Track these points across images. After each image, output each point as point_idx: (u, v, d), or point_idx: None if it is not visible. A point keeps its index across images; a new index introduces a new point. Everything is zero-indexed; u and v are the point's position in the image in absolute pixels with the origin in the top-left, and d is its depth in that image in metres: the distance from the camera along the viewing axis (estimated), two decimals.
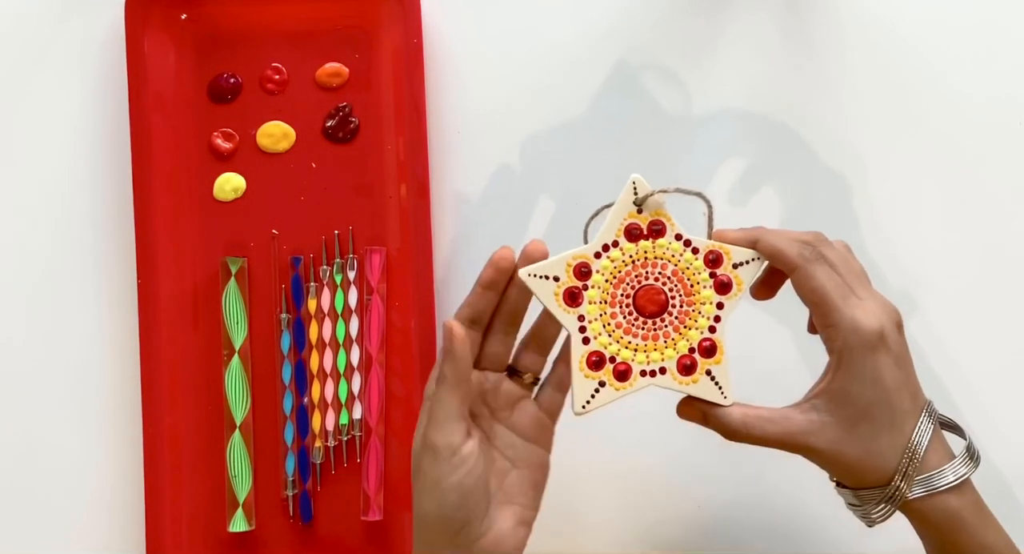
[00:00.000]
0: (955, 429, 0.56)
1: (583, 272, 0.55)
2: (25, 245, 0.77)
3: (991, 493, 0.56)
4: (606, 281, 0.55)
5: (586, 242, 0.56)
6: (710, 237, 0.56)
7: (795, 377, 0.59)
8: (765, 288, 0.58)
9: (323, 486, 0.75)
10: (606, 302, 0.55)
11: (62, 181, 0.77)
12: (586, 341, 0.54)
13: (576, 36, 0.76)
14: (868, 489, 0.54)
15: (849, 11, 0.76)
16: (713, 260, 0.55)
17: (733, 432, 0.55)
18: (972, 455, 0.55)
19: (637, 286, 0.55)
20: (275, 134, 0.76)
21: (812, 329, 0.57)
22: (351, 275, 0.75)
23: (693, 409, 0.55)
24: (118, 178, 0.76)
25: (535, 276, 0.54)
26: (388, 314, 0.75)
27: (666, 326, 0.55)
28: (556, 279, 0.54)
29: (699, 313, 0.55)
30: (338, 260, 0.75)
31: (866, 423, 0.53)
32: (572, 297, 0.54)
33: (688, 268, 0.55)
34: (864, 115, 0.75)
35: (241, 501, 0.74)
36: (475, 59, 0.76)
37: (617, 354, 0.54)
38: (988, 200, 0.75)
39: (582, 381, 0.54)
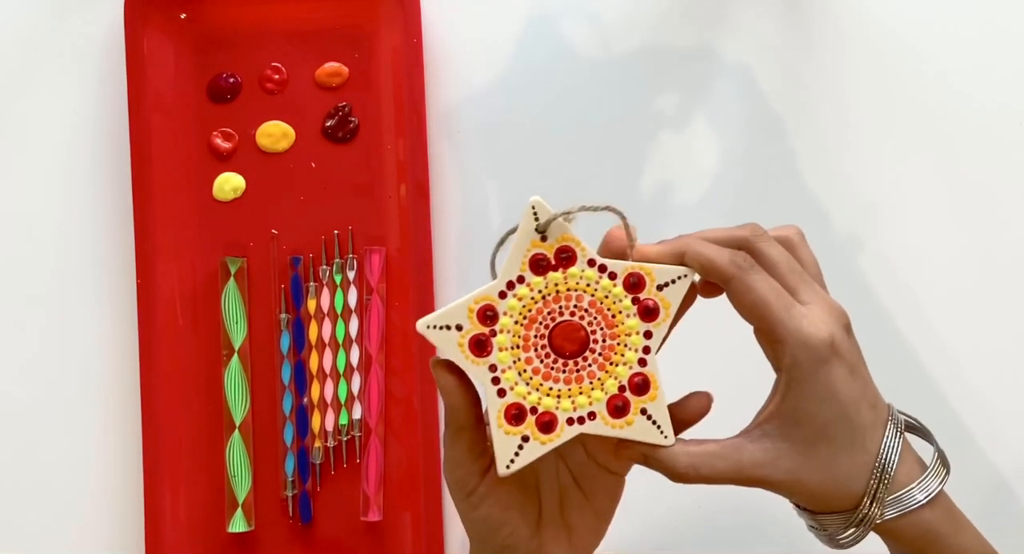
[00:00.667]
0: (920, 432, 0.51)
1: (488, 316, 0.48)
2: (25, 245, 0.76)
3: (990, 493, 0.56)
4: (516, 323, 0.48)
5: (492, 270, 0.50)
6: (630, 254, 0.49)
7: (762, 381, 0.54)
8: (711, 284, 0.50)
9: (323, 486, 0.75)
10: (519, 346, 0.48)
11: (62, 181, 0.76)
12: (502, 393, 0.48)
13: (576, 36, 0.76)
14: (834, 514, 0.49)
15: (849, 11, 0.76)
16: (634, 284, 0.48)
17: (680, 475, 0.49)
18: (943, 463, 0.50)
19: (552, 324, 0.48)
20: (275, 134, 0.76)
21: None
22: (351, 275, 0.75)
23: (632, 451, 0.49)
24: (118, 178, 0.76)
25: (434, 327, 0.48)
26: (388, 314, 0.75)
27: (590, 365, 0.48)
28: (459, 327, 0.48)
29: (625, 346, 0.48)
30: (338, 260, 0.75)
31: (825, 444, 0.47)
32: (479, 346, 0.48)
33: (607, 297, 0.48)
34: (865, 115, 0.75)
35: (241, 501, 0.74)
36: (475, 59, 0.76)
37: (538, 404, 0.48)
38: (989, 200, 0.75)
39: (503, 438, 0.48)
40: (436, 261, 0.74)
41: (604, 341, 0.49)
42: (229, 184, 0.76)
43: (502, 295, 0.48)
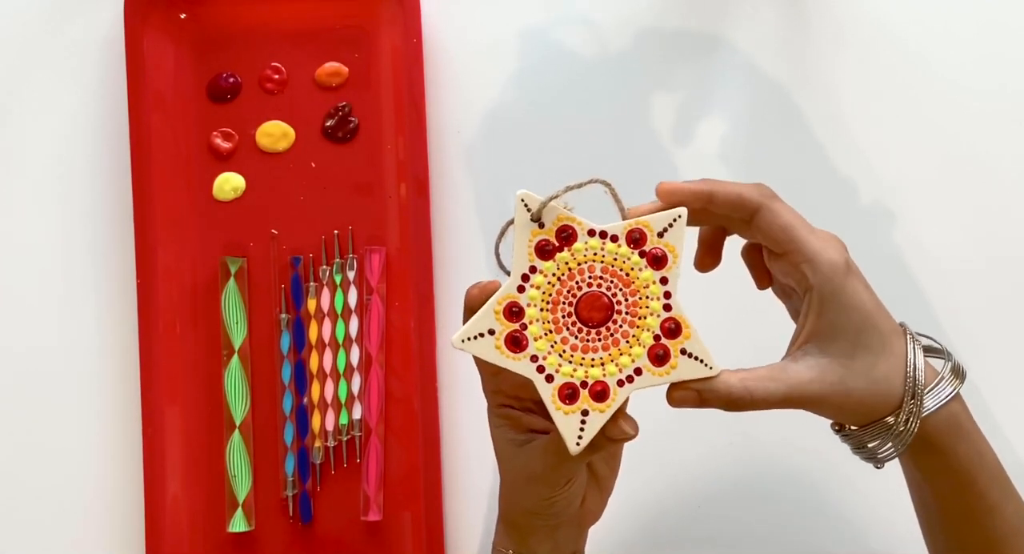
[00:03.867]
0: (935, 351, 0.54)
1: (514, 312, 0.51)
2: (25, 245, 0.76)
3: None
4: (541, 311, 0.51)
5: (499, 264, 0.52)
6: (624, 218, 0.51)
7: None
8: (709, 255, 0.56)
9: (323, 486, 0.75)
10: (551, 331, 0.51)
11: (62, 181, 0.76)
12: (549, 378, 0.50)
13: (576, 36, 0.76)
14: (875, 425, 0.52)
15: (849, 11, 0.76)
16: (636, 239, 0.51)
17: (735, 401, 0.51)
18: (957, 370, 0.53)
19: (575, 300, 0.51)
20: (274, 134, 0.76)
21: (764, 283, 0.56)
22: (351, 275, 0.75)
23: (685, 393, 0.51)
24: (118, 178, 0.76)
25: (469, 339, 0.51)
26: (388, 314, 0.75)
27: (621, 326, 0.51)
28: (491, 332, 0.50)
29: (647, 298, 0.51)
30: (338, 260, 0.75)
31: (862, 352, 0.51)
32: (515, 342, 0.50)
33: (616, 259, 0.51)
34: (864, 115, 0.75)
35: (241, 501, 0.74)
36: (475, 59, 0.76)
37: (586, 377, 0.50)
38: (988, 200, 0.75)
39: (563, 419, 0.50)
40: (436, 261, 0.74)
41: (627, 300, 0.51)
42: (229, 184, 0.76)
43: (520, 289, 0.51)
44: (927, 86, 0.76)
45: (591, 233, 0.51)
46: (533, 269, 0.51)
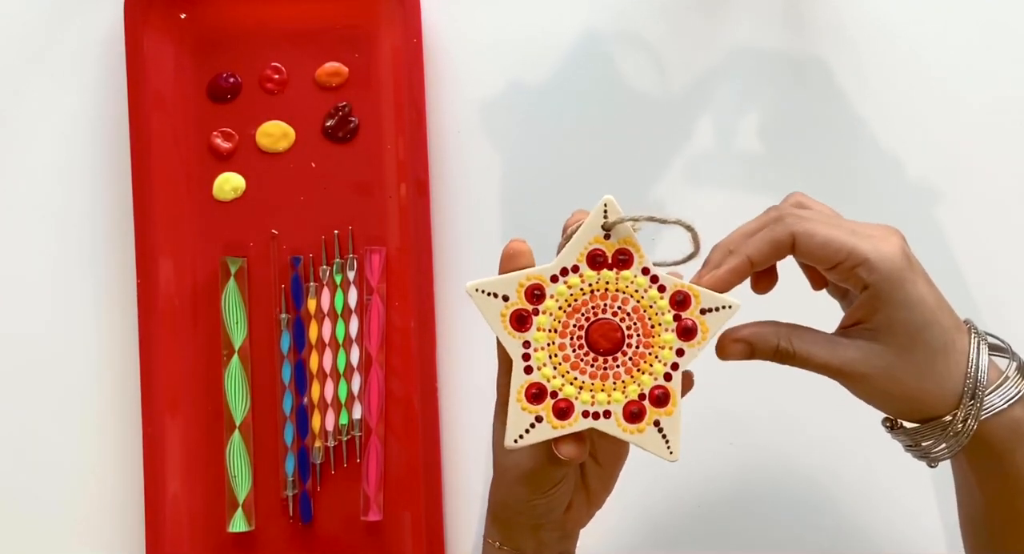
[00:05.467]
0: (1000, 350, 0.52)
1: (535, 295, 0.50)
2: (24, 245, 0.76)
3: None
4: (559, 308, 0.50)
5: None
6: (691, 260, 0.51)
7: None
8: (764, 276, 0.54)
9: (323, 486, 0.75)
10: (556, 331, 0.50)
11: (61, 181, 0.76)
12: (528, 370, 0.50)
13: (576, 35, 0.76)
14: (931, 423, 0.50)
15: (849, 11, 0.76)
16: (680, 301, 0.50)
17: (779, 351, 0.50)
18: (1021, 369, 0.51)
19: (592, 319, 0.50)
20: (274, 134, 0.76)
21: (819, 285, 0.54)
22: (351, 275, 0.75)
23: (738, 346, 0.51)
24: (118, 178, 0.76)
25: (482, 292, 0.50)
26: (388, 314, 0.75)
27: (618, 366, 0.50)
28: (505, 298, 0.50)
29: (656, 357, 0.50)
30: (338, 260, 0.75)
31: (921, 348, 0.49)
32: (520, 321, 0.50)
33: (651, 307, 0.50)
34: (865, 115, 0.75)
35: (241, 501, 0.74)
36: (475, 59, 0.76)
37: (560, 389, 0.50)
38: (988, 200, 0.75)
39: (518, 413, 0.50)
40: (436, 261, 0.74)
41: (637, 347, 0.50)
42: (229, 184, 0.76)
43: (554, 279, 0.50)
44: (933, 94, 0.76)
45: (644, 271, 0.50)
46: (576, 269, 0.50)
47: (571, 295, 0.50)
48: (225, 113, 0.76)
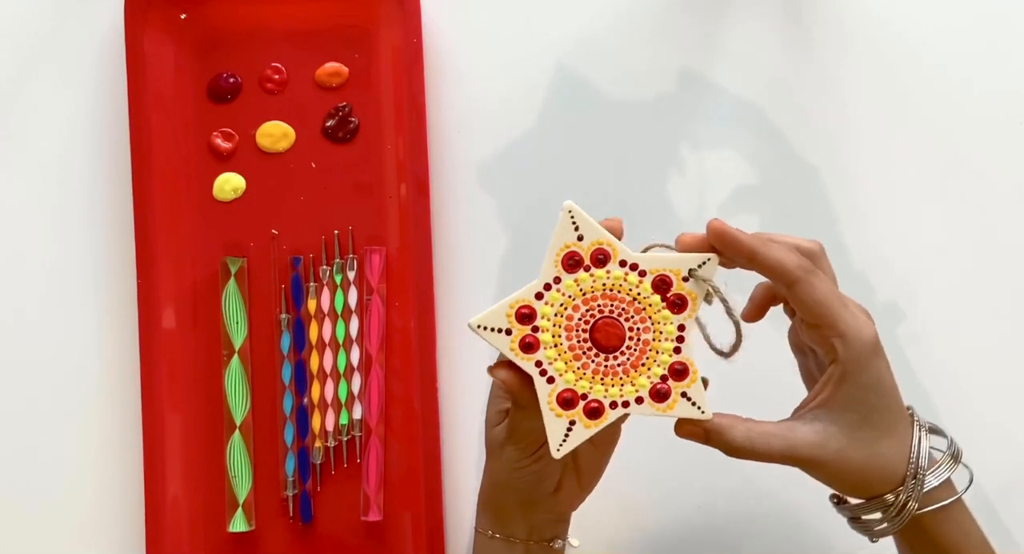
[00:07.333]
0: (937, 431, 0.56)
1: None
2: (25, 245, 0.76)
3: (982, 500, 0.56)
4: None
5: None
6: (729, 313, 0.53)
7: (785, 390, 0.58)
8: (756, 310, 0.58)
9: (323, 486, 0.75)
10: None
11: (62, 181, 0.76)
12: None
13: (575, 35, 0.76)
14: (874, 501, 0.54)
15: (849, 10, 0.76)
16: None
17: (737, 449, 0.54)
18: (956, 456, 0.56)
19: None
20: (275, 134, 0.76)
21: (797, 347, 0.58)
22: (351, 275, 0.75)
23: (694, 429, 0.54)
24: (118, 178, 0.76)
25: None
26: (388, 314, 0.75)
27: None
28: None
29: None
30: (338, 260, 0.75)
31: (868, 428, 0.53)
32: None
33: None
34: (865, 115, 0.75)
35: (241, 501, 0.74)
36: (475, 59, 0.76)
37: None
38: (987, 201, 0.75)
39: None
40: (436, 261, 0.74)
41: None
42: (229, 184, 0.76)
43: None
44: (932, 93, 0.76)
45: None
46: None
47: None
48: (225, 113, 0.76)
